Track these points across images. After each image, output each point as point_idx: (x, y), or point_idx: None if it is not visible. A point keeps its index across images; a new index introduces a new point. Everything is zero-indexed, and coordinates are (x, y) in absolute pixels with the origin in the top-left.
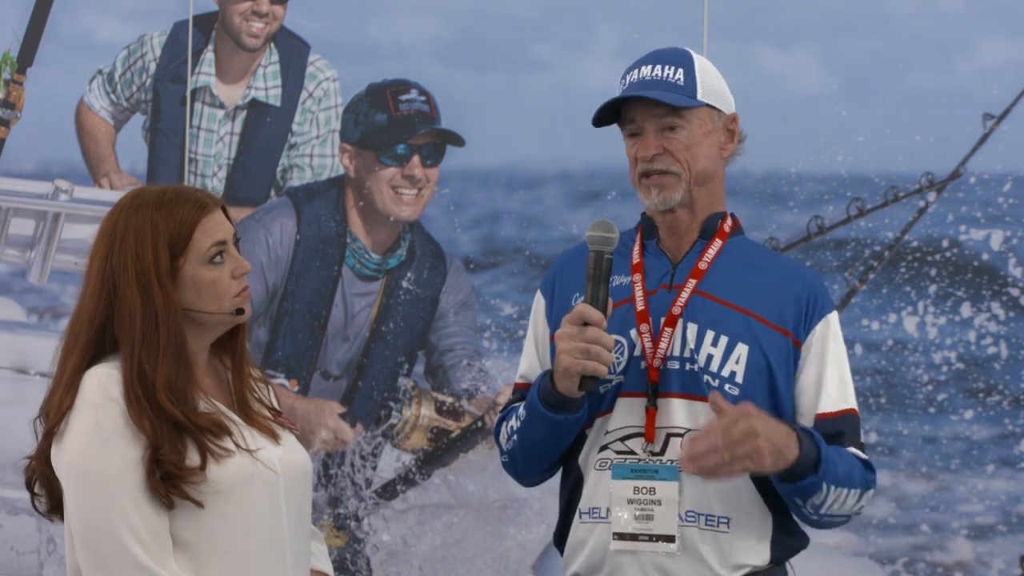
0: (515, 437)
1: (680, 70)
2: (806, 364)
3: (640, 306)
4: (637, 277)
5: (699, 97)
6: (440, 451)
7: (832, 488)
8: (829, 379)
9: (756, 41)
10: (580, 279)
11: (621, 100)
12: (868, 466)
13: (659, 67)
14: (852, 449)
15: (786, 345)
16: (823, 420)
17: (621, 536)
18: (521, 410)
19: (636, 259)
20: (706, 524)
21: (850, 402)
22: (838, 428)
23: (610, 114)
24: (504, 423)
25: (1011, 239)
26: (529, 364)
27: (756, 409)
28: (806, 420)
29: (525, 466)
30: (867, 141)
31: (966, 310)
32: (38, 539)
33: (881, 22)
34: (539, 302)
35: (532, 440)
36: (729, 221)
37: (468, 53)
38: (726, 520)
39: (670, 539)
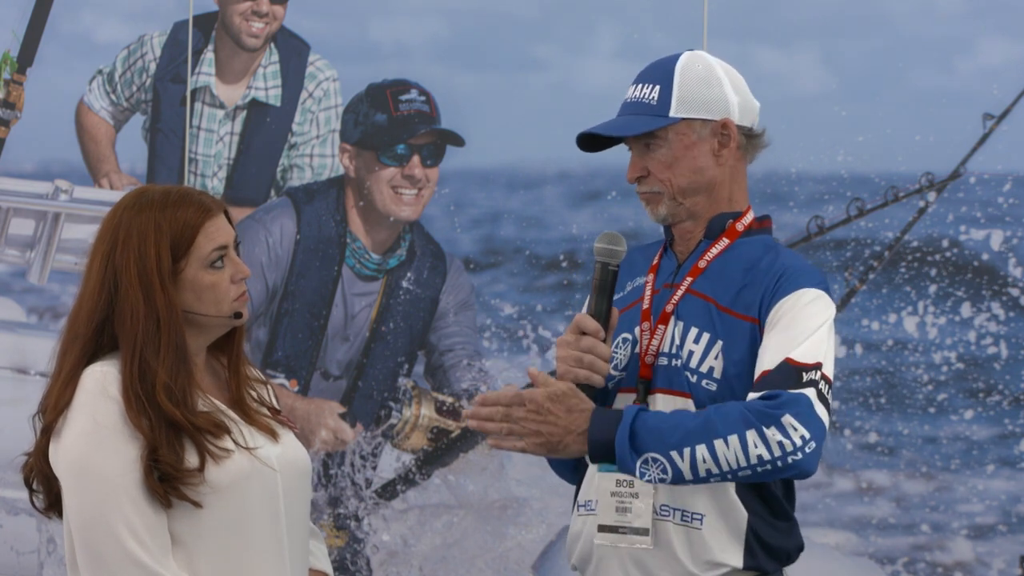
0: None
1: (656, 87)
2: (763, 339)
3: (645, 304)
4: (650, 277)
5: (672, 113)
6: (440, 451)
7: (678, 453)
8: (775, 339)
9: (756, 41)
10: (619, 284)
11: None
12: (769, 401)
13: (640, 87)
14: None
15: (754, 333)
16: (762, 377)
17: (603, 528)
18: None
19: (655, 260)
20: (681, 520)
21: (790, 352)
22: (769, 383)
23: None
24: None
25: (1011, 239)
26: None
27: (565, 394)
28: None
29: (554, 461)
30: (867, 141)
31: (966, 310)
32: (38, 539)
33: (881, 22)
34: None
35: None
36: (747, 219)
37: (468, 53)
38: (700, 517)
39: (645, 532)
